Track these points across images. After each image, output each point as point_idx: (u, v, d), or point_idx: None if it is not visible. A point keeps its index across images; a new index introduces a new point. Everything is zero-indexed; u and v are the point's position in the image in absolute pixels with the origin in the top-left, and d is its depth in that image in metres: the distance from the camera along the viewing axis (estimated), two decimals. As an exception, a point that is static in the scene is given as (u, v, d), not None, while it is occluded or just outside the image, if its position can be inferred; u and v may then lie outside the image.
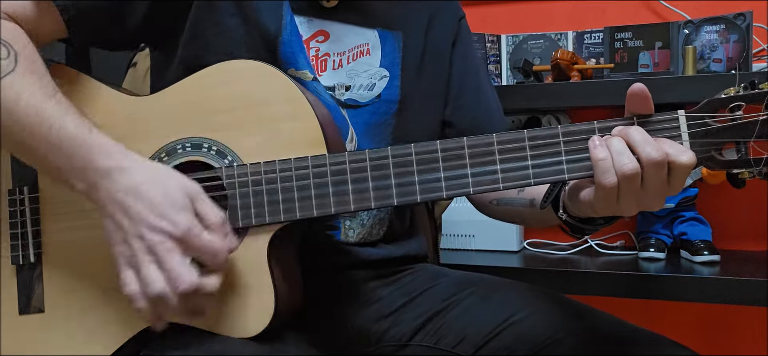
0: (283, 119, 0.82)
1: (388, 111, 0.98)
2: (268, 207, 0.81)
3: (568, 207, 0.83)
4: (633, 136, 0.72)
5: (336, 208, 0.80)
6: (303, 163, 0.81)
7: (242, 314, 0.81)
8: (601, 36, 1.61)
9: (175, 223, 0.73)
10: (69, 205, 0.85)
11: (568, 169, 0.76)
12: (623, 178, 0.71)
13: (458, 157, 0.78)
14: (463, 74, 1.07)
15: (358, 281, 0.98)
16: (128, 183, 0.75)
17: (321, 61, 0.96)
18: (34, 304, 0.86)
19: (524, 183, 0.77)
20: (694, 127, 0.74)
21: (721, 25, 1.46)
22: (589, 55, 1.64)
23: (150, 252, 0.73)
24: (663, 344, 0.86)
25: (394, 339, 0.96)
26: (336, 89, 0.96)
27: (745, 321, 1.68)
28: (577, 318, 0.90)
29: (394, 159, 0.79)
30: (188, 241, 0.73)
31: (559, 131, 0.76)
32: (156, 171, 0.77)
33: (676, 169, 0.71)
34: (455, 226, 1.66)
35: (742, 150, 0.73)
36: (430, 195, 0.78)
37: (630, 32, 1.52)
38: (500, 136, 0.77)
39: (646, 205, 0.74)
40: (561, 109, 1.66)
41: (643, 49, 1.51)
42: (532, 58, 1.67)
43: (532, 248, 1.68)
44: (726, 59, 1.46)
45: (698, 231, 1.53)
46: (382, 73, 0.98)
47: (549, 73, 1.52)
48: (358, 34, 0.98)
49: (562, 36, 1.67)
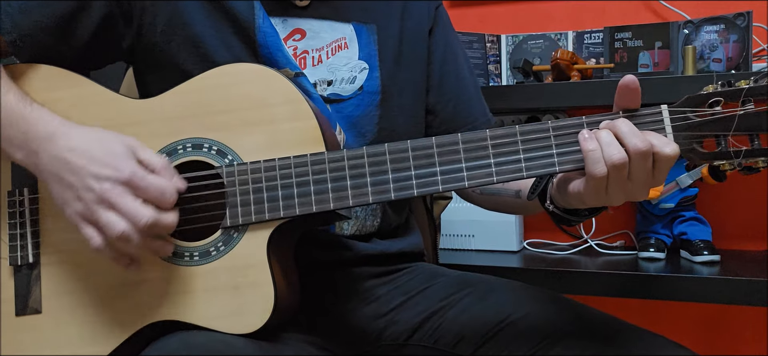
0: (283, 120, 0.83)
1: (372, 102, 0.99)
2: (268, 204, 0.82)
3: (555, 199, 0.85)
4: (620, 128, 0.75)
5: (335, 204, 0.81)
6: (302, 160, 0.82)
7: (242, 310, 0.81)
8: (601, 36, 1.61)
9: (119, 169, 0.77)
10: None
11: (559, 161, 0.78)
12: (612, 167, 0.74)
13: (453, 151, 0.80)
14: (443, 62, 1.08)
15: (356, 278, 0.99)
16: (69, 143, 0.79)
17: (300, 59, 0.97)
18: (32, 305, 0.86)
19: (517, 176, 0.79)
20: (677, 121, 0.77)
21: (721, 25, 1.46)
22: (589, 55, 1.64)
23: (102, 201, 0.76)
24: (662, 344, 0.86)
25: (392, 338, 0.96)
26: (318, 85, 0.97)
27: (745, 321, 1.68)
28: (575, 317, 0.90)
29: (391, 155, 0.81)
30: (135, 184, 0.77)
31: (549, 126, 0.79)
32: (95, 130, 0.81)
33: (661, 160, 0.74)
34: (455, 226, 1.66)
35: (722, 143, 0.76)
36: (427, 189, 0.80)
37: (630, 32, 1.52)
38: (493, 131, 0.80)
39: (632, 195, 0.77)
40: (561, 109, 1.66)
41: (643, 49, 1.51)
42: (532, 58, 1.67)
43: (532, 248, 1.68)
44: (726, 59, 1.46)
45: (698, 231, 1.53)
46: (361, 65, 0.99)
47: (549, 73, 1.52)
48: (334, 29, 0.99)
49: (562, 36, 1.67)
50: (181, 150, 0.85)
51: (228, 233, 0.83)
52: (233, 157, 0.83)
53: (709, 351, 1.71)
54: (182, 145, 0.85)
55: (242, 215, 0.82)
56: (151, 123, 0.86)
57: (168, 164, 0.80)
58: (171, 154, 0.85)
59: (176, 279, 0.83)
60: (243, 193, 0.82)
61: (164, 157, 0.80)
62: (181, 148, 0.85)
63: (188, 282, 0.83)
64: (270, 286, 0.81)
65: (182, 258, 0.84)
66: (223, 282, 0.82)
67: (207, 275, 0.83)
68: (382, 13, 1.03)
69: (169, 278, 0.83)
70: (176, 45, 0.92)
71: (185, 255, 0.84)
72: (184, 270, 0.83)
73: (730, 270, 1.37)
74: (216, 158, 0.84)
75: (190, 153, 0.84)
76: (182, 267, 0.83)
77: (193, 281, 0.83)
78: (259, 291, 0.81)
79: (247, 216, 0.82)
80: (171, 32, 0.92)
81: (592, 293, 1.41)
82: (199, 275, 0.83)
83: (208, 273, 0.83)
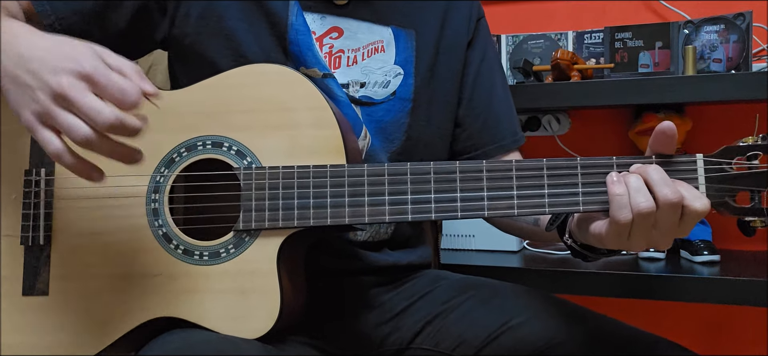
0: (306, 126, 0.83)
1: (403, 109, 0.97)
2: (282, 212, 0.81)
3: (574, 234, 0.83)
4: (651, 175, 0.72)
5: (350, 219, 0.80)
6: (321, 170, 0.81)
7: (246, 315, 0.81)
8: (601, 36, 1.61)
9: (80, 62, 0.69)
10: (83, 191, 0.86)
11: (583, 201, 0.77)
12: (638, 215, 0.71)
13: (476, 178, 0.79)
14: (477, 75, 1.05)
15: (363, 286, 0.98)
16: (31, 40, 0.72)
17: (335, 57, 0.96)
18: (39, 287, 0.86)
19: (539, 212, 0.78)
20: (711, 172, 0.75)
21: (721, 25, 1.46)
22: (589, 55, 1.64)
23: (60, 99, 0.68)
24: (662, 345, 0.86)
25: (395, 344, 0.96)
26: (350, 86, 0.95)
27: (745, 321, 1.68)
28: (575, 321, 0.90)
29: (413, 175, 0.80)
30: (95, 79, 0.68)
31: (577, 163, 0.77)
32: (63, 36, 0.74)
33: (689, 214, 0.72)
34: (455, 226, 1.66)
35: (756, 199, 0.74)
36: (445, 215, 0.79)
37: (630, 32, 1.52)
38: (519, 162, 0.78)
39: (654, 243, 0.74)
40: (561, 109, 1.66)
41: (643, 49, 1.51)
42: (532, 58, 1.67)
43: (532, 248, 1.68)
44: (726, 59, 1.46)
45: (698, 231, 1.52)
46: (396, 70, 0.98)
47: (549, 73, 1.52)
48: (372, 31, 0.98)
49: (562, 36, 1.67)
50: (200, 146, 0.85)
51: (240, 236, 0.82)
52: (252, 159, 0.83)
53: (709, 352, 1.70)
54: (202, 142, 0.85)
55: (256, 220, 0.82)
56: (173, 116, 0.85)
57: (138, 70, 0.72)
58: (191, 150, 0.85)
59: (184, 277, 0.83)
60: (258, 198, 0.82)
61: (135, 64, 0.72)
62: (201, 145, 0.85)
63: (196, 281, 0.83)
64: (277, 294, 0.81)
65: (192, 256, 0.83)
66: (230, 286, 0.82)
67: (215, 276, 0.83)
68: (422, 19, 1.01)
69: (177, 275, 0.83)
70: (207, 37, 0.92)
71: (195, 253, 0.83)
72: (192, 268, 0.83)
73: (730, 270, 1.37)
74: (235, 158, 0.83)
75: (210, 150, 0.84)
76: (191, 265, 0.83)
77: (201, 281, 0.83)
78: (265, 297, 0.81)
79: (261, 222, 0.82)
80: (204, 24, 0.92)
81: (592, 293, 1.40)
82: (207, 275, 0.83)
83: (217, 274, 0.83)
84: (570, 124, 1.68)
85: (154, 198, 0.85)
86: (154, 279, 0.84)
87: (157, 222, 0.84)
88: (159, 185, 0.85)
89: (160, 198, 0.85)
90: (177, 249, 0.84)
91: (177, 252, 0.84)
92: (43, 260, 0.86)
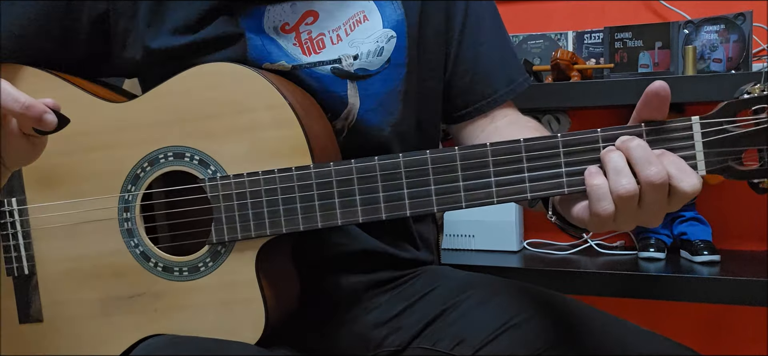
0: (266, 126, 0.79)
1: (398, 76, 0.94)
2: (254, 221, 0.78)
3: (558, 209, 0.80)
4: (634, 153, 0.66)
5: (322, 222, 0.77)
6: (287, 174, 0.78)
7: (234, 328, 0.80)
8: (601, 36, 1.61)
9: None
10: (57, 217, 0.85)
11: (567, 182, 0.70)
12: (619, 199, 0.66)
13: (449, 169, 0.73)
14: (463, 29, 1.00)
15: (358, 288, 0.98)
16: None
17: (316, 42, 0.91)
18: (33, 314, 0.86)
19: (520, 198, 0.72)
20: (710, 135, 0.66)
21: (721, 25, 1.46)
22: (589, 55, 1.64)
23: None
24: (663, 344, 0.86)
25: (393, 345, 0.96)
26: (343, 61, 0.91)
27: (745, 321, 1.68)
28: (576, 320, 0.90)
29: (382, 170, 0.75)
30: None
31: (559, 140, 0.70)
32: None
33: (678, 194, 0.66)
34: (455, 226, 1.66)
35: (765, 157, 0.65)
36: (420, 210, 0.74)
37: (630, 32, 1.52)
38: (495, 145, 0.72)
39: (643, 222, 0.70)
40: (561, 109, 1.66)
41: (643, 49, 1.51)
42: (532, 58, 1.67)
43: (532, 248, 1.68)
44: (726, 59, 1.46)
45: (698, 231, 1.53)
46: (389, 34, 0.93)
47: (549, 73, 1.52)
48: (348, 6, 0.93)
49: (562, 36, 1.67)
50: (162, 159, 0.82)
51: (215, 249, 0.80)
52: (216, 168, 0.80)
53: (709, 351, 1.70)
54: (164, 154, 0.82)
55: (228, 232, 0.79)
56: (131, 129, 0.82)
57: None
58: (154, 163, 0.82)
59: (168, 295, 0.82)
60: (228, 209, 0.79)
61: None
62: (163, 157, 0.82)
63: (180, 297, 0.82)
64: (260, 303, 0.79)
65: (172, 273, 0.82)
66: (213, 299, 0.81)
67: (197, 291, 0.81)
68: None
69: (160, 293, 0.83)
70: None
71: (175, 270, 0.82)
72: (175, 285, 0.82)
73: (730, 270, 1.37)
74: (199, 168, 0.80)
75: (173, 162, 0.81)
76: (174, 282, 0.82)
77: (185, 296, 0.82)
78: (249, 308, 0.80)
79: (233, 233, 0.79)
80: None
81: (592, 293, 1.41)
82: (190, 291, 0.82)
83: (199, 289, 0.81)
84: (570, 123, 1.69)
85: (125, 217, 0.83)
86: (140, 299, 0.83)
87: (132, 242, 0.83)
88: (129, 204, 0.83)
89: (132, 217, 0.83)
90: (157, 267, 0.83)
91: (157, 269, 0.83)
92: (33, 288, 0.86)
